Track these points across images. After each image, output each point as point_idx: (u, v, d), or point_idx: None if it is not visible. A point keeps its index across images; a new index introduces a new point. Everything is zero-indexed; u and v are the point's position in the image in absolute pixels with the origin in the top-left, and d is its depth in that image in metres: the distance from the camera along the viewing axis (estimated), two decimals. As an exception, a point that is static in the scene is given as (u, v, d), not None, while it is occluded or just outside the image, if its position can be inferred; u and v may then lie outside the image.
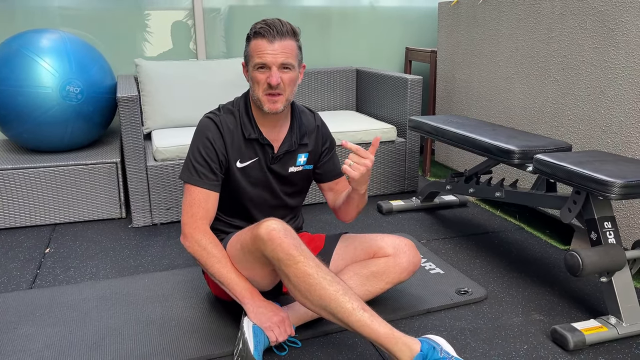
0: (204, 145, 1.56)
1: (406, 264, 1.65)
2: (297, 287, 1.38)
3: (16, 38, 2.52)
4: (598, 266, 1.56)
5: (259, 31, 1.49)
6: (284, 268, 1.38)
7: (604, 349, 1.57)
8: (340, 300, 1.35)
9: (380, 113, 3.15)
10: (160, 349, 1.55)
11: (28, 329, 1.65)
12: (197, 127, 1.61)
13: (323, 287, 1.36)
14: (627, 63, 1.98)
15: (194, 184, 1.56)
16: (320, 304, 1.36)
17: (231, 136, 1.59)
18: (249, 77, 1.56)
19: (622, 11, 1.97)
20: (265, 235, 1.38)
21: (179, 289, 1.90)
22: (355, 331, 1.36)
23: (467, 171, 2.39)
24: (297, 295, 1.40)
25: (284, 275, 1.40)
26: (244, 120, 1.60)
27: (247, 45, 1.55)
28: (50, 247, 2.29)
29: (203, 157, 1.56)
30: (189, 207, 1.55)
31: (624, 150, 2.02)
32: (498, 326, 1.68)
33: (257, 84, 1.52)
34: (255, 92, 1.54)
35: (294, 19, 3.38)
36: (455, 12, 3.01)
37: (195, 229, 1.54)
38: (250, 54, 1.52)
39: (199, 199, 1.55)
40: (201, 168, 1.56)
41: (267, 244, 1.38)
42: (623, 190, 1.50)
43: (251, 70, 1.53)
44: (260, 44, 1.49)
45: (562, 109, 2.30)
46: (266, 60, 1.48)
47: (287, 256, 1.37)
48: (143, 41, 3.14)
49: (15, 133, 2.52)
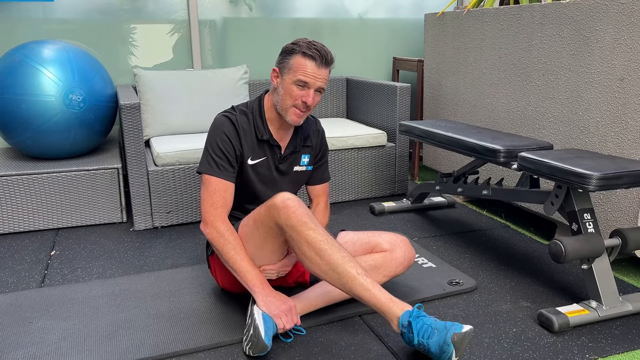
0: (222, 140, 1.68)
1: (402, 258, 1.77)
2: (307, 253, 1.52)
3: (20, 48, 2.61)
4: (579, 253, 1.68)
5: (312, 54, 1.63)
6: (295, 235, 1.51)
7: (586, 330, 1.69)
8: (346, 265, 1.50)
9: (370, 119, 3.28)
10: (171, 339, 1.63)
11: (43, 323, 1.72)
12: (213, 124, 1.72)
13: (331, 252, 1.51)
14: (601, 68, 2.13)
15: (214, 175, 1.67)
16: (328, 268, 1.51)
17: (245, 134, 1.72)
18: (281, 85, 1.68)
19: (596, 20, 2.13)
20: (281, 204, 1.52)
21: (185, 285, 1.99)
22: (357, 295, 1.50)
23: (456, 172, 2.52)
24: (306, 261, 1.54)
25: (295, 242, 1.53)
26: (257, 122, 1.73)
27: (290, 57, 1.66)
28: (55, 249, 2.36)
29: (222, 150, 1.67)
30: (210, 197, 1.66)
31: (601, 148, 2.16)
32: (488, 312, 1.80)
33: (291, 97, 1.66)
34: (285, 102, 1.67)
35: (286, 30, 3.51)
36: (440, 23, 3.16)
37: (216, 217, 1.65)
38: (295, 68, 1.64)
39: (219, 188, 1.66)
40: (220, 160, 1.67)
41: (282, 211, 1.51)
42: (600, 182, 1.63)
43: (288, 82, 1.66)
44: (308, 64, 1.63)
45: (543, 111, 2.44)
46: (308, 81, 1.64)
47: (299, 223, 1.50)
48: (140, 52, 3.24)
49: (19, 140, 2.60)
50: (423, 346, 1.43)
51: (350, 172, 2.97)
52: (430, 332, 1.42)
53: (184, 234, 2.53)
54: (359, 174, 2.99)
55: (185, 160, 2.59)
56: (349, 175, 2.97)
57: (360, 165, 2.98)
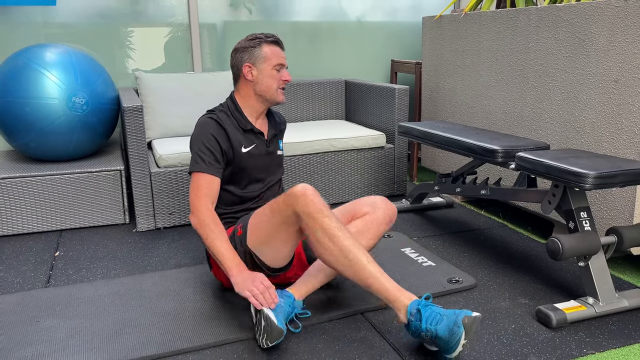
0: (207, 139, 1.82)
1: (382, 216, 1.85)
2: (321, 239, 1.60)
3: (23, 52, 2.64)
4: (576, 250, 1.72)
5: (275, 40, 1.87)
6: (311, 222, 1.60)
7: (583, 326, 1.73)
8: (357, 252, 1.59)
9: (369, 121, 3.32)
10: (177, 337, 1.66)
11: (50, 322, 1.75)
12: (198, 125, 1.86)
13: (344, 239, 1.59)
14: (597, 70, 2.17)
15: (200, 170, 1.80)
16: (340, 254, 1.59)
17: (230, 129, 1.87)
18: (260, 75, 1.86)
19: (591, 23, 2.17)
20: (300, 192, 1.62)
21: (189, 284, 2.02)
22: (366, 282, 1.57)
23: (454, 172, 2.56)
24: (319, 247, 1.61)
25: (310, 228, 1.61)
26: (237, 116, 1.90)
27: (257, 49, 1.86)
28: (59, 250, 2.38)
29: (208, 148, 1.80)
30: (196, 189, 1.78)
31: (596, 148, 2.20)
32: (488, 309, 1.83)
33: (275, 80, 1.86)
34: (271, 87, 1.87)
35: (285, 33, 3.55)
36: (438, 25, 3.20)
37: (200, 205, 1.76)
38: (269, 56, 1.85)
39: (204, 181, 1.79)
40: (206, 157, 1.80)
41: (300, 199, 1.61)
42: (596, 181, 1.67)
43: (268, 69, 1.85)
44: (277, 50, 1.87)
45: (540, 112, 2.48)
46: (284, 62, 1.88)
47: (316, 210, 1.60)
48: (140, 55, 3.27)
49: (23, 143, 2.62)
50: (430, 333, 1.47)
51: (349, 173, 3.00)
52: (439, 318, 1.47)
53: (187, 234, 2.56)
54: (359, 175, 3.03)
55: (187, 162, 2.62)
56: (349, 176, 3.01)
57: (359, 166, 3.02)
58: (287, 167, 2.86)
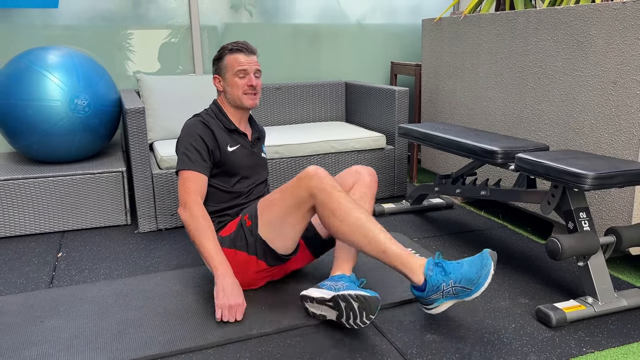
0: (194, 139, 1.89)
1: (369, 179, 1.98)
2: (336, 212, 1.69)
3: (25, 54, 2.65)
4: (575, 250, 1.74)
5: (238, 48, 1.94)
6: (326, 197, 1.70)
7: (583, 325, 1.74)
8: (370, 224, 1.68)
9: (369, 123, 3.34)
10: (180, 336, 1.67)
11: (54, 322, 1.76)
12: (184, 127, 1.94)
13: (356, 211, 1.69)
14: (595, 72, 2.19)
15: (188, 168, 1.87)
16: (355, 224, 1.67)
17: (216, 129, 1.95)
18: (226, 84, 1.96)
19: (590, 25, 2.19)
20: (313, 171, 1.73)
21: (191, 284, 2.03)
22: (379, 249, 1.65)
23: (454, 173, 2.58)
24: (334, 220, 1.70)
25: (324, 204, 1.70)
26: (221, 118, 1.99)
27: (221, 60, 1.96)
28: (61, 251, 2.40)
29: (194, 147, 1.88)
30: (184, 185, 1.86)
31: (595, 149, 2.22)
32: (488, 309, 1.85)
33: (238, 87, 1.94)
34: (236, 94, 1.95)
35: (285, 35, 3.57)
36: (438, 28, 3.22)
37: (190, 200, 1.83)
38: (230, 65, 1.94)
39: (192, 178, 1.86)
40: (193, 156, 1.88)
41: (314, 177, 1.72)
42: (595, 181, 1.69)
43: (230, 77, 1.94)
44: (239, 57, 1.94)
45: (539, 114, 2.50)
46: (246, 68, 1.93)
47: (330, 187, 1.71)
48: (142, 57, 3.29)
49: (25, 145, 2.64)
50: (454, 277, 1.59)
51: (350, 175, 3.02)
52: (459, 265, 1.62)
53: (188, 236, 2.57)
54: (359, 177, 3.04)
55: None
56: (349, 178, 3.02)
57: (360, 168, 3.03)
58: (287, 169, 2.88)
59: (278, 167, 2.84)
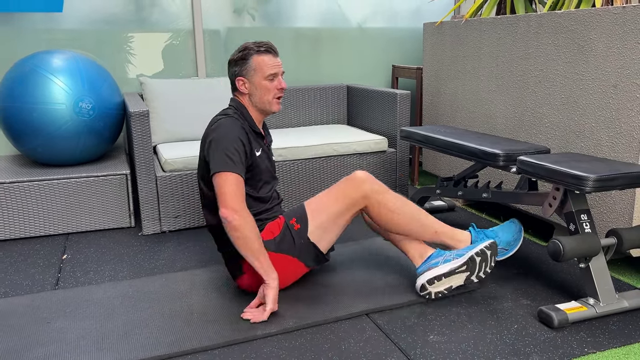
0: (235, 140, 1.84)
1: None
2: (392, 208, 1.92)
3: (30, 58, 2.67)
4: (577, 252, 1.76)
5: (265, 49, 1.89)
6: (381, 197, 1.91)
7: (584, 326, 1.76)
8: (419, 212, 1.95)
9: (371, 126, 3.36)
10: (186, 337, 1.69)
11: (61, 323, 1.78)
12: (222, 126, 1.86)
13: (407, 205, 1.95)
14: (596, 75, 2.21)
15: (232, 170, 1.80)
16: (410, 216, 1.94)
17: (248, 131, 1.92)
18: (253, 87, 1.90)
19: (590, 29, 2.22)
20: (365, 176, 1.92)
21: (197, 286, 2.05)
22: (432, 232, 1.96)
23: (456, 176, 2.60)
24: (393, 216, 1.92)
25: (380, 203, 1.91)
26: (249, 120, 1.95)
27: (247, 61, 1.89)
28: (66, 253, 2.41)
29: (236, 149, 1.82)
30: (232, 190, 1.79)
31: (596, 151, 2.25)
32: (490, 310, 1.87)
33: (269, 91, 1.90)
34: (266, 98, 1.91)
35: (288, 39, 3.59)
36: (439, 32, 3.25)
37: (241, 205, 1.79)
38: (259, 67, 1.88)
39: (237, 182, 1.81)
40: (235, 158, 1.82)
41: (367, 181, 1.91)
42: (596, 184, 1.71)
43: (260, 80, 1.89)
44: (268, 59, 1.89)
45: (540, 117, 2.52)
46: (276, 71, 1.90)
47: (381, 187, 1.94)
48: (145, 61, 3.31)
49: (30, 147, 2.66)
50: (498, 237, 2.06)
51: (352, 177, 3.04)
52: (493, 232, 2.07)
53: (192, 238, 2.59)
54: (361, 179, 3.06)
55: (193, 166, 2.65)
56: (351, 180, 3.04)
57: (362, 171, 3.06)
58: (290, 171, 2.89)
59: (281, 170, 2.86)
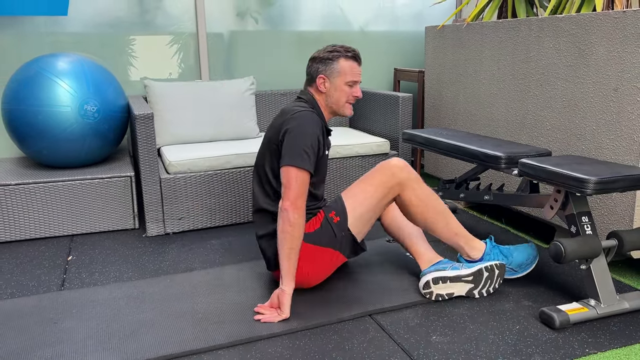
0: (313, 138, 1.86)
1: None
2: (423, 198, 1.95)
3: (35, 61, 2.70)
4: (578, 253, 1.78)
5: (352, 56, 1.97)
6: (414, 184, 1.94)
7: (585, 327, 1.78)
8: (446, 210, 1.99)
9: (373, 128, 3.38)
10: (192, 337, 1.71)
11: (67, 323, 1.80)
12: (304, 119, 1.88)
13: (437, 200, 1.98)
14: (596, 79, 2.24)
15: (306, 168, 1.83)
16: (439, 211, 1.97)
17: (323, 130, 1.95)
18: (332, 88, 1.96)
19: (591, 33, 2.24)
20: (402, 163, 1.95)
21: (201, 287, 2.07)
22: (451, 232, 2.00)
23: (457, 178, 2.61)
24: (422, 207, 1.95)
25: (414, 191, 1.94)
26: (322, 118, 1.99)
27: (333, 62, 1.95)
28: (71, 255, 2.43)
29: (312, 147, 1.86)
30: (300, 186, 1.82)
31: (597, 154, 2.26)
32: (492, 311, 1.89)
33: (346, 95, 1.97)
34: (340, 101, 1.98)
35: (290, 42, 3.62)
36: (441, 35, 3.27)
37: (303, 204, 1.83)
38: (344, 71, 1.95)
39: (306, 180, 1.84)
40: (312, 156, 1.85)
41: (404, 169, 1.94)
42: (597, 186, 1.73)
43: (340, 84, 1.96)
44: (353, 66, 1.97)
45: (541, 120, 2.55)
46: (357, 79, 1.98)
47: (417, 177, 1.96)
48: (149, 64, 3.33)
49: (35, 150, 2.68)
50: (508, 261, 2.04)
51: (354, 179, 3.06)
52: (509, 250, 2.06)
53: (196, 239, 2.61)
54: (363, 181, 3.08)
55: (197, 168, 2.68)
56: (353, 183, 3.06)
57: (364, 173, 3.07)
58: (294, 174, 2.91)
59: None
